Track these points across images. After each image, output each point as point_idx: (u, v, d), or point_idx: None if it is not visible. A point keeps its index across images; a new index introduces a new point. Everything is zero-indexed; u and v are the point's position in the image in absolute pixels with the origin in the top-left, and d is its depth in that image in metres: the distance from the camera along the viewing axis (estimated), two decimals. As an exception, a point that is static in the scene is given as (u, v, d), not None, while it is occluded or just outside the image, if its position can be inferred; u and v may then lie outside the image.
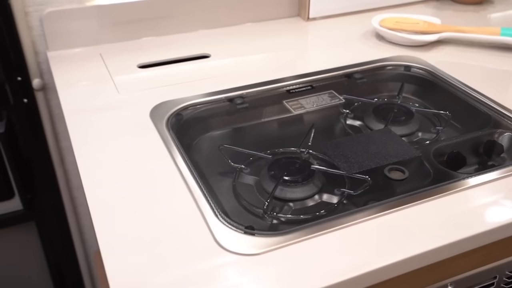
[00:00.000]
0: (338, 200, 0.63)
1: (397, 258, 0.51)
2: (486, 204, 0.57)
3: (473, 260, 0.59)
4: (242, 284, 0.47)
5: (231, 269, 0.49)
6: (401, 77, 0.86)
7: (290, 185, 0.63)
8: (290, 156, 0.68)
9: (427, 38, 0.92)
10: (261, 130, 0.78)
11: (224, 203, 0.63)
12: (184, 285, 0.47)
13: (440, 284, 0.58)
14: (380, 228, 0.54)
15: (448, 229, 0.54)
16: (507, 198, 0.58)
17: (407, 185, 0.64)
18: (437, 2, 1.15)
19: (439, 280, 0.58)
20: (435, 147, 0.67)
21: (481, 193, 0.58)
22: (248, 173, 0.68)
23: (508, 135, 0.69)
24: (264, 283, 0.47)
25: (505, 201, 0.57)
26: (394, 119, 0.75)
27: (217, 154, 0.70)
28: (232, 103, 0.76)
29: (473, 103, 0.76)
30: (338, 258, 0.50)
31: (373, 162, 0.63)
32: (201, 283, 0.47)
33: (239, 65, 0.87)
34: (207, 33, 0.99)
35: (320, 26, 1.04)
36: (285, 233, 0.53)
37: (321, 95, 0.79)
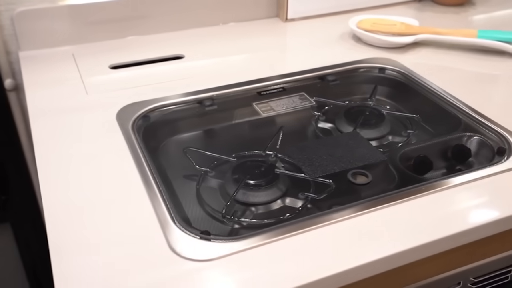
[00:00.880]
0: (302, 204, 0.62)
1: (355, 263, 0.50)
2: (447, 210, 0.56)
3: (435, 266, 0.58)
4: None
5: (184, 275, 0.48)
6: (375, 79, 0.85)
7: (253, 189, 0.62)
8: (255, 160, 0.67)
9: (403, 40, 0.91)
10: (229, 132, 0.77)
11: (187, 207, 0.63)
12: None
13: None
14: (338, 233, 0.53)
15: (408, 235, 0.53)
16: (469, 204, 0.57)
17: (372, 189, 0.63)
18: (418, 4, 1.15)
19: (401, 286, 0.58)
20: (402, 151, 0.66)
21: (443, 199, 0.58)
22: (213, 176, 0.67)
23: (477, 139, 0.69)
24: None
25: (467, 207, 0.56)
26: (365, 122, 0.75)
27: (183, 157, 0.69)
28: (201, 105, 0.76)
29: (445, 106, 0.76)
30: (294, 264, 0.49)
31: (337, 166, 0.62)
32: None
33: (212, 66, 0.86)
34: (183, 34, 0.98)
35: (299, 27, 1.03)
36: (241, 238, 0.52)
37: (292, 98, 0.78)
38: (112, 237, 0.52)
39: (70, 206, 0.56)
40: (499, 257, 0.62)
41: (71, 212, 0.55)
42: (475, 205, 0.57)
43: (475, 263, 0.61)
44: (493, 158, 0.65)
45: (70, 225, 0.54)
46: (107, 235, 0.52)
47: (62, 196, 0.57)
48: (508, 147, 0.65)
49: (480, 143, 0.68)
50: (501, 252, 0.62)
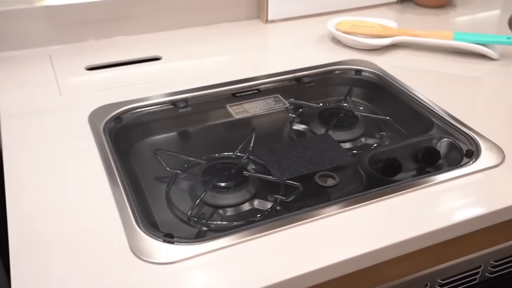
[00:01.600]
0: (271, 206, 0.62)
1: (321, 264, 0.50)
2: (413, 212, 0.56)
3: (403, 268, 0.58)
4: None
5: (145, 279, 0.48)
6: (351, 81, 0.85)
7: (221, 191, 0.62)
8: (225, 162, 0.67)
9: (381, 42, 0.92)
10: (203, 134, 0.77)
11: (156, 210, 0.63)
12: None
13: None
14: (305, 234, 0.53)
15: (374, 236, 0.53)
16: (435, 206, 0.57)
17: (341, 191, 0.63)
18: (399, 5, 1.15)
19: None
20: (372, 153, 0.66)
21: (409, 201, 0.58)
22: (184, 178, 0.67)
23: (447, 141, 0.69)
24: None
25: (433, 209, 0.57)
26: (338, 124, 0.75)
27: (155, 159, 0.69)
28: (175, 107, 0.76)
29: (418, 108, 0.76)
30: (260, 265, 0.50)
31: (305, 169, 0.62)
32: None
33: (189, 67, 0.86)
34: (162, 35, 0.98)
35: (279, 28, 1.03)
36: (205, 240, 0.52)
37: (267, 99, 0.78)
38: (73, 240, 0.52)
39: (34, 209, 0.56)
40: (467, 259, 0.62)
41: (33, 215, 0.55)
42: (441, 207, 0.57)
43: (442, 265, 0.61)
44: (461, 160, 0.65)
45: (31, 228, 0.53)
46: (69, 238, 0.52)
47: (26, 199, 0.57)
48: (476, 149, 0.65)
49: (449, 145, 0.69)
50: (469, 254, 0.62)
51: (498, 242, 0.63)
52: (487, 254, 0.63)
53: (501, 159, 0.63)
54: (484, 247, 0.62)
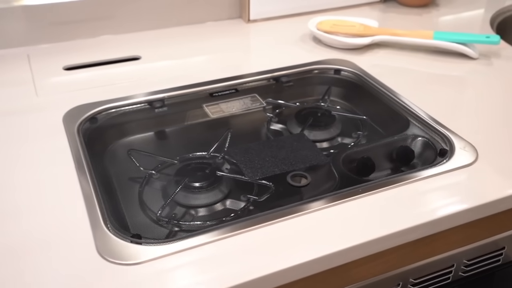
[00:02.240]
0: (243, 206, 0.62)
1: (290, 263, 0.50)
2: (383, 211, 0.56)
3: (374, 267, 0.58)
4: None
5: (110, 279, 0.48)
6: (329, 80, 0.85)
7: (194, 191, 0.62)
8: (200, 162, 0.67)
9: (361, 41, 0.92)
10: (179, 134, 0.77)
11: (129, 211, 0.62)
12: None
13: (339, 292, 0.58)
14: (274, 234, 0.53)
15: (343, 235, 0.53)
16: (405, 205, 0.57)
17: (314, 191, 0.63)
18: (383, 5, 1.15)
19: (340, 287, 0.58)
20: (346, 153, 0.66)
21: (380, 200, 0.58)
22: (158, 178, 0.67)
23: (421, 141, 0.69)
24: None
25: (404, 208, 0.57)
26: (315, 124, 0.75)
27: (130, 159, 0.69)
28: (151, 107, 0.75)
29: (395, 107, 0.76)
30: (228, 265, 0.50)
31: (278, 168, 0.62)
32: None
33: (168, 67, 0.86)
34: (142, 35, 0.97)
35: (261, 28, 1.03)
36: (173, 240, 0.52)
37: (244, 99, 0.78)
38: (40, 242, 0.52)
39: (1, 210, 0.56)
40: (440, 258, 0.62)
41: (0, 217, 0.55)
42: (412, 206, 0.57)
43: (415, 264, 0.61)
44: (435, 159, 0.65)
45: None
46: (35, 239, 0.52)
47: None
48: (450, 148, 0.65)
49: (424, 144, 0.69)
50: (441, 253, 0.62)
51: (471, 241, 0.63)
52: (460, 253, 0.63)
53: (474, 158, 0.63)
54: (456, 246, 0.62)
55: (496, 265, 0.67)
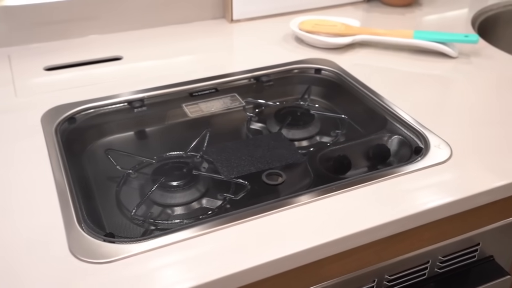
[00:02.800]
0: (219, 205, 0.62)
1: (262, 260, 0.51)
2: (356, 208, 0.57)
3: (348, 264, 0.59)
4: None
5: (81, 277, 0.48)
6: (310, 80, 0.86)
7: (170, 190, 0.62)
8: (177, 161, 0.67)
9: (342, 40, 0.92)
10: (158, 134, 0.77)
11: (105, 210, 0.63)
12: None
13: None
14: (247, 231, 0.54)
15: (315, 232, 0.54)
16: (378, 202, 0.57)
17: (290, 189, 0.63)
18: (366, 4, 1.16)
19: (315, 284, 0.58)
20: (323, 151, 0.67)
21: (353, 197, 0.58)
22: (136, 178, 0.67)
23: (397, 139, 0.69)
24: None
25: (375, 205, 0.57)
26: (294, 123, 0.75)
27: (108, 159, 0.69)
28: (131, 106, 0.76)
29: (373, 106, 0.77)
30: (197, 263, 0.50)
31: (254, 167, 0.63)
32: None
33: (150, 67, 0.86)
34: (125, 35, 0.98)
35: (244, 28, 1.03)
36: (146, 239, 0.52)
37: (223, 99, 0.79)
38: (13, 242, 0.52)
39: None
40: (415, 254, 0.63)
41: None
42: (385, 203, 0.57)
43: (389, 261, 0.61)
44: (410, 157, 0.66)
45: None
46: (8, 239, 0.52)
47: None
48: (425, 146, 0.66)
49: (400, 142, 0.69)
50: (416, 249, 0.63)
51: (446, 237, 0.64)
52: (435, 250, 0.64)
53: (448, 156, 0.64)
54: (431, 243, 0.63)
55: (472, 261, 0.68)
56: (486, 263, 0.68)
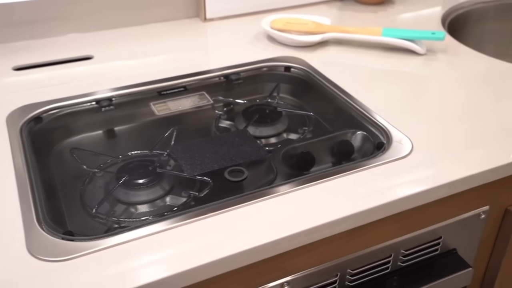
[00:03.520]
0: (183, 202, 0.63)
1: (222, 255, 0.51)
2: (316, 202, 0.57)
3: (309, 258, 0.60)
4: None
5: (38, 276, 0.48)
6: (279, 78, 0.86)
7: (134, 188, 0.63)
8: (143, 159, 0.67)
9: (312, 38, 0.93)
10: (126, 133, 0.77)
11: (69, 209, 0.63)
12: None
13: (275, 284, 0.59)
14: (205, 228, 0.54)
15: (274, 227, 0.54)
16: (338, 196, 0.58)
17: (253, 185, 0.64)
18: (340, 3, 1.17)
19: (278, 278, 0.59)
20: (287, 148, 0.68)
21: (314, 192, 0.59)
22: (101, 177, 0.67)
23: (361, 135, 0.70)
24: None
25: (335, 199, 0.58)
26: (261, 120, 0.76)
27: (75, 158, 0.69)
28: (99, 106, 0.76)
29: (340, 103, 0.77)
30: (156, 259, 0.50)
31: (217, 164, 0.63)
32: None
33: (121, 67, 0.86)
34: (96, 35, 0.98)
35: (217, 27, 1.04)
36: (105, 236, 0.52)
37: (191, 97, 0.79)
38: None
39: None
40: (377, 248, 0.63)
41: None
42: (344, 197, 0.58)
43: (352, 255, 0.62)
44: (373, 153, 0.67)
45: None
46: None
47: None
48: (387, 141, 0.67)
49: (364, 138, 0.70)
50: (378, 243, 0.63)
51: (407, 231, 0.65)
52: (397, 243, 0.65)
53: (409, 151, 0.65)
54: (393, 237, 0.64)
55: (435, 254, 0.69)
56: (449, 256, 0.69)
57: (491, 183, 0.67)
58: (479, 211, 0.69)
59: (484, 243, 0.74)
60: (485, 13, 1.13)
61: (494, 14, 1.14)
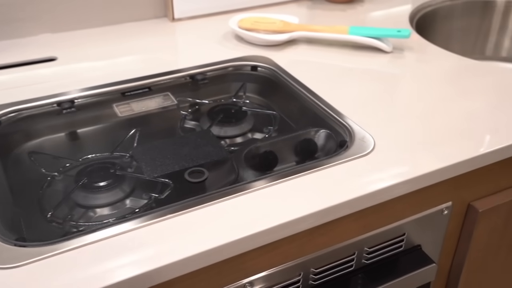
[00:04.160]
0: (144, 204, 0.62)
1: (180, 256, 0.51)
2: (275, 202, 0.57)
3: (271, 258, 0.59)
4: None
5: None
6: (246, 77, 0.86)
7: (93, 191, 0.62)
8: (104, 162, 0.66)
9: (279, 37, 0.93)
10: (89, 135, 0.76)
11: (26, 214, 0.61)
12: None
13: (237, 285, 0.58)
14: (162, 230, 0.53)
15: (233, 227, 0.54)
16: (299, 195, 0.58)
17: (215, 186, 0.63)
18: (310, 2, 1.17)
19: (235, 281, 0.58)
20: (249, 148, 0.67)
21: (274, 192, 0.59)
22: (61, 180, 0.66)
23: (324, 133, 0.70)
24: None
25: (293, 199, 0.58)
26: (226, 120, 0.75)
27: (34, 161, 0.68)
28: (60, 108, 0.74)
29: (305, 102, 0.77)
30: (114, 263, 0.49)
31: (178, 165, 0.63)
32: None
33: (85, 68, 0.85)
34: (62, 36, 0.96)
35: (185, 27, 1.03)
36: (60, 241, 0.51)
37: (155, 98, 0.78)
38: None
39: None
40: (340, 247, 0.63)
41: None
42: (305, 195, 0.58)
43: (315, 254, 0.62)
44: (336, 151, 0.67)
45: None
46: None
47: None
48: (350, 139, 0.67)
49: (327, 136, 0.70)
50: (340, 242, 0.63)
51: (370, 228, 0.65)
52: (361, 241, 0.65)
53: (371, 148, 0.65)
54: (356, 234, 0.64)
55: (399, 251, 0.69)
56: (413, 253, 0.70)
57: (453, 179, 0.67)
58: (442, 207, 0.70)
59: (448, 239, 0.75)
60: (452, 10, 1.14)
61: (461, 11, 1.15)
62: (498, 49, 1.19)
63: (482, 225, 0.73)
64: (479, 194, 0.74)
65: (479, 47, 1.19)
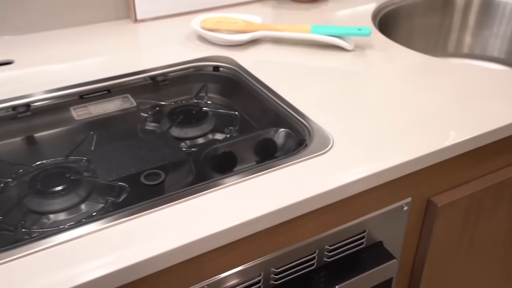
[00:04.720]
0: (100, 208, 0.61)
1: (136, 259, 0.50)
2: (231, 203, 0.57)
3: (230, 259, 0.59)
4: None
5: None
6: (207, 77, 0.85)
7: (47, 196, 0.60)
8: (58, 166, 0.65)
9: (241, 37, 0.93)
10: (44, 140, 0.74)
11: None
12: None
13: (196, 287, 0.58)
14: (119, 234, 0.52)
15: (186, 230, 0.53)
16: (255, 195, 0.58)
17: (173, 188, 0.63)
18: (275, 1, 1.17)
19: (194, 283, 0.58)
20: (208, 149, 0.67)
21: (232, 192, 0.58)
22: (15, 186, 0.64)
23: (284, 132, 0.70)
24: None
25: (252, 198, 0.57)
26: (186, 121, 0.75)
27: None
28: (15, 112, 0.73)
29: (266, 102, 0.77)
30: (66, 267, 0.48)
31: (134, 168, 0.62)
32: None
33: (43, 71, 0.83)
34: (21, 38, 0.94)
35: (148, 28, 1.02)
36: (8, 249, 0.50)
37: (114, 100, 0.77)
38: None
39: None
40: (299, 246, 0.63)
41: None
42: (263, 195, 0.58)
43: (274, 253, 0.62)
44: (295, 150, 0.67)
45: None
46: None
47: None
48: (309, 138, 0.67)
49: (286, 136, 0.70)
50: (300, 241, 0.63)
51: (330, 226, 0.65)
52: (321, 239, 0.65)
53: (329, 146, 0.65)
54: (315, 233, 0.64)
55: (361, 248, 0.70)
56: (374, 249, 0.70)
57: (412, 174, 0.68)
58: (401, 203, 0.70)
59: (409, 235, 0.76)
60: (414, 8, 1.16)
61: (423, 9, 1.17)
62: (460, 46, 1.21)
63: (442, 220, 0.74)
64: (438, 189, 0.75)
65: (441, 44, 1.21)
